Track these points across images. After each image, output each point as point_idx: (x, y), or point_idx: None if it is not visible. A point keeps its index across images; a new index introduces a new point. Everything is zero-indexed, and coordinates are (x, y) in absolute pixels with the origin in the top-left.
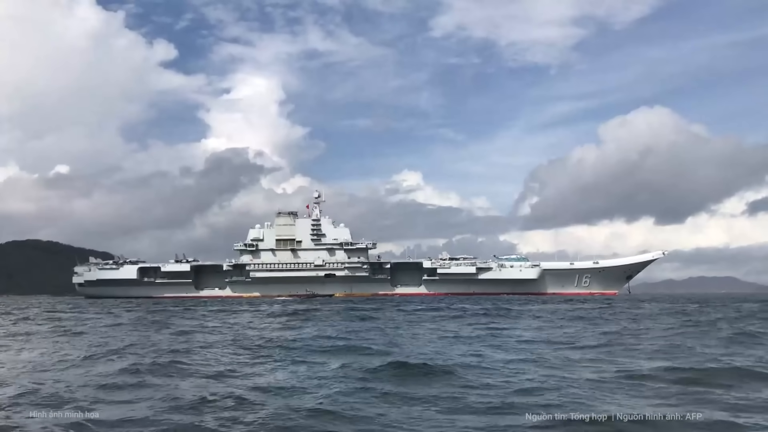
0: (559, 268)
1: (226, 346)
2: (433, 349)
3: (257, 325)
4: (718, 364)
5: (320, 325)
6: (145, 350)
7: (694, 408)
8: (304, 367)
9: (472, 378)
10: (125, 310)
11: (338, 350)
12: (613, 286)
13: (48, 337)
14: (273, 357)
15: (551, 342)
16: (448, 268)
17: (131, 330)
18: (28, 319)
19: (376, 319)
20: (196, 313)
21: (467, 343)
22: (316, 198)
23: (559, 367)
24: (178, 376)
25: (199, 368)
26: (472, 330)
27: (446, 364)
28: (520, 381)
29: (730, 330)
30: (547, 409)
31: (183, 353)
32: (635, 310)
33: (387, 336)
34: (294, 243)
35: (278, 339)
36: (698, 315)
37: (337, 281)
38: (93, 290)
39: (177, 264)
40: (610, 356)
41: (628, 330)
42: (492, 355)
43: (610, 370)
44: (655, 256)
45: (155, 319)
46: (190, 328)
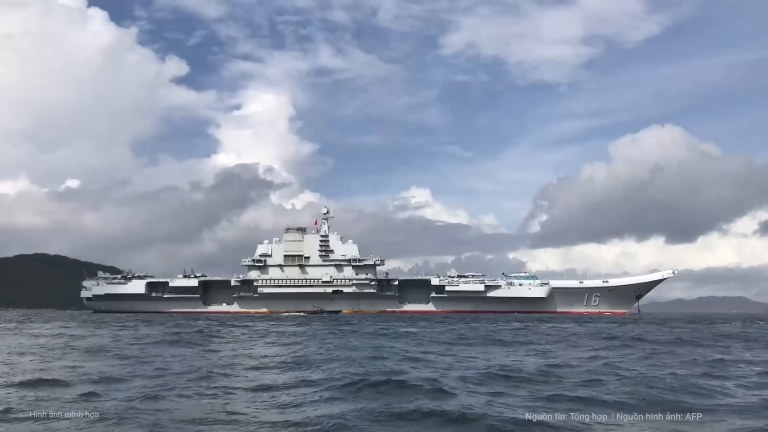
0: (569, 286)
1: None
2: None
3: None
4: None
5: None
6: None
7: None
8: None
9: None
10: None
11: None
12: (623, 306)
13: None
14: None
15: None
16: (456, 285)
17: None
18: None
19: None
20: (243, 329)
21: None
22: (325, 214)
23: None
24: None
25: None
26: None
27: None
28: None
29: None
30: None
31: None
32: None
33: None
34: (302, 259)
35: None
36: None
37: (345, 297)
38: (101, 305)
39: (185, 279)
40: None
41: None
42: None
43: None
44: (665, 275)
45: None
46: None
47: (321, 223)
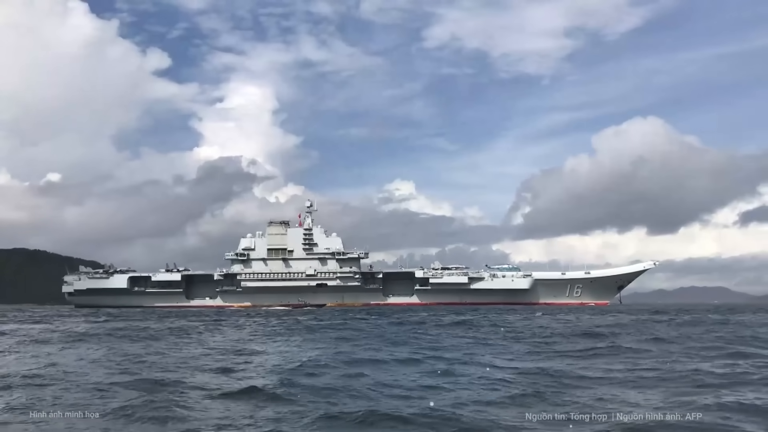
0: (551, 278)
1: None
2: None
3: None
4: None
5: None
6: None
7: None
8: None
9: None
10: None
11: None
12: (605, 296)
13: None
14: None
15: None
16: (440, 278)
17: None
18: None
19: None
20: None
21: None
22: (308, 207)
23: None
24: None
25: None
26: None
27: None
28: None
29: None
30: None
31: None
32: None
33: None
34: (286, 252)
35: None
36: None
37: (329, 291)
38: (83, 299)
39: (168, 273)
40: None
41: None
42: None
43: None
44: (647, 266)
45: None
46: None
47: (305, 217)
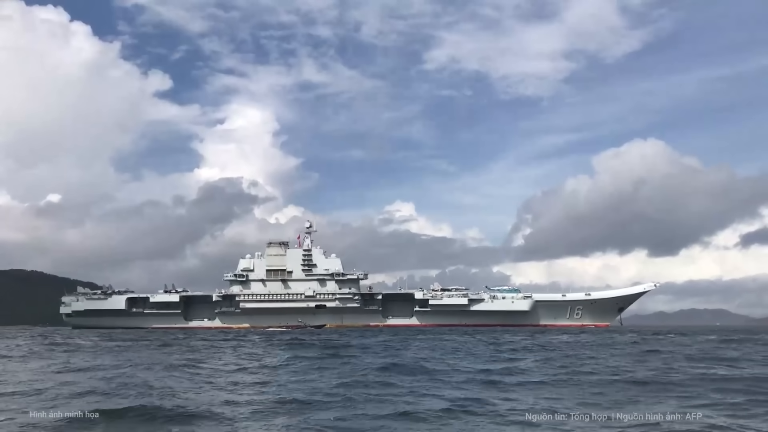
0: (552, 299)
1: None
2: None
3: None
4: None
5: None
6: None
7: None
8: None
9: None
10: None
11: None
12: (605, 318)
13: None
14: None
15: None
16: (440, 299)
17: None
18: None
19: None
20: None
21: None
22: (308, 228)
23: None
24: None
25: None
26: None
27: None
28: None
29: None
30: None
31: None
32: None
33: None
34: (285, 273)
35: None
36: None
37: (328, 312)
38: (81, 320)
39: (166, 294)
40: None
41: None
42: None
43: None
44: (647, 288)
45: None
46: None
47: (304, 238)
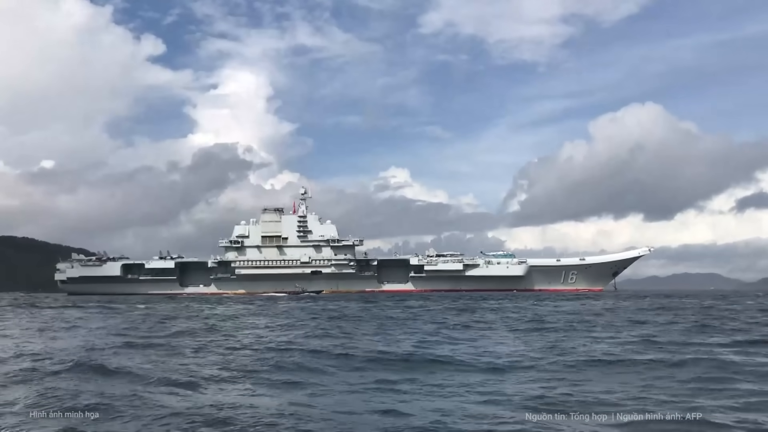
0: (546, 264)
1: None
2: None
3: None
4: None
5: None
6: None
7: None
8: None
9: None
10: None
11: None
12: (599, 283)
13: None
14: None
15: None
16: (435, 265)
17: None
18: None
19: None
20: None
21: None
22: (303, 194)
23: None
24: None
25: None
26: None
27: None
28: None
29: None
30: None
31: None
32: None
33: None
34: (280, 240)
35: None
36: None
37: (324, 278)
38: (76, 287)
39: (161, 261)
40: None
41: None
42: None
43: None
44: (641, 252)
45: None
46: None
47: (299, 204)
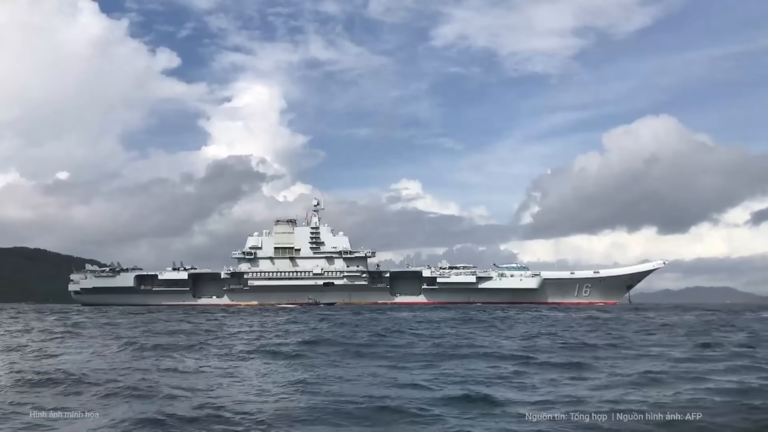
0: (560, 277)
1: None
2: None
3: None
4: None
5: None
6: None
7: None
8: None
9: None
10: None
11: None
12: (614, 296)
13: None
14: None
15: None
16: (447, 277)
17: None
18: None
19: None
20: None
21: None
22: (315, 206)
23: None
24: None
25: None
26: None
27: None
28: None
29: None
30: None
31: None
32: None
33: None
34: (293, 251)
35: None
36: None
37: (336, 290)
38: (89, 298)
39: (174, 272)
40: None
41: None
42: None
43: None
44: (656, 265)
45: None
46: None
47: (311, 215)
